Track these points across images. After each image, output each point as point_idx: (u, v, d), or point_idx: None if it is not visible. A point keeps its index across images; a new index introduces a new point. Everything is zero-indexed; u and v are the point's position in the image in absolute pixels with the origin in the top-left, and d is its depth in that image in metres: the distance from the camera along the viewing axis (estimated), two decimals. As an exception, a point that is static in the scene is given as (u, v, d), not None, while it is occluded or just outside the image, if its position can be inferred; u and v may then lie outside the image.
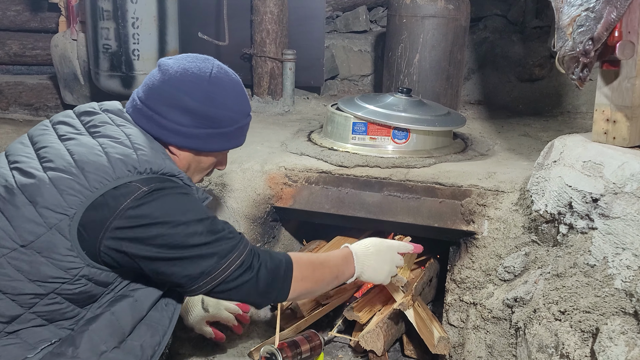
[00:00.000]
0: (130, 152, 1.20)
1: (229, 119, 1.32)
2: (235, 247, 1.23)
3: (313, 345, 1.73)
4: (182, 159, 1.34)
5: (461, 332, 1.66)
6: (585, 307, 1.24)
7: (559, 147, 1.48)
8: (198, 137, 1.30)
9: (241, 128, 1.37)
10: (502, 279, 1.58)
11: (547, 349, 1.32)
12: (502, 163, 1.93)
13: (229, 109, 1.31)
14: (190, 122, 1.28)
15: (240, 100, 1.35)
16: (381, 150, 1.97)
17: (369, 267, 1.46)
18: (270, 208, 1.91)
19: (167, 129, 1.29)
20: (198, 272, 1.20)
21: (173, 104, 1.27)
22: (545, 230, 1.48)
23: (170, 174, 1.24)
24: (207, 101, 1.28)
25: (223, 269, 1.21)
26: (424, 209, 1.76)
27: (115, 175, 1.17)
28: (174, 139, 1.30)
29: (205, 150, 1.34)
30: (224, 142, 1.35)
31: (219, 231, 1.23)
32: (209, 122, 1.30)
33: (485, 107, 2.91)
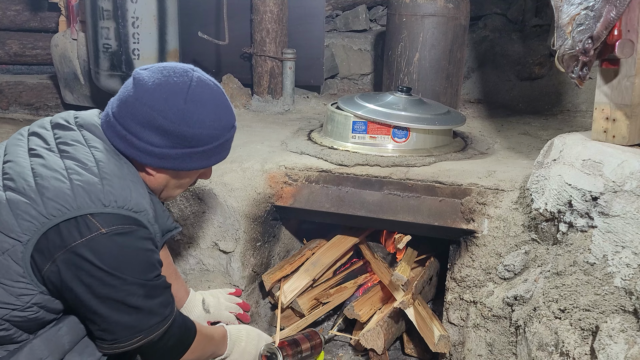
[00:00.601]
0: (95, 181, 1.14)
1: (207, 137, 1.25)
2: (156, 326, 1.22)
3: (313, 343, 1.73)
4: (158, 179, 1.29)
5: (461, 331, 1.66)
6: (585, 305, 1.24)
7: (559, 146, 1.49)
8: (174, 157, 1.24)
9: (222, 144, 1.30)
10: (502, 278, 1.59)
11: (547, 347, 1.32)
12: (502, 162, 1.93)
13: (207, 127, 1.24)
14: (164, 143, 1.22)
15: (221, 116, 1.27)
16: (381, 149, 1.97)
17: (238, 350, 1.56)
18: (271, 207, 1.91)
19: (140, 150, 1.22)
20: (111, 337, 1.18)
21: (146, 123, 1.20)
22: (545, 228, 1.49)
23: (136, 209, 1.18)
24: (182, 121, 1.20)
25: (134, 341, 1.20)
26: (424, 207, 1.76)
27: (75, 205, 1.11)
28: (149, 160, 1.24)
29: (183, 169, 1.28)
30: (203, 161, 1.28)
31: (154, 297, 1.20)
32: (184, 142, 1.23)
33: (485, 105, 2.91)
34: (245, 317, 1.84)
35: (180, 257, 1.95)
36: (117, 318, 1.17)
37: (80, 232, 1.11)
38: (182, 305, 1.73)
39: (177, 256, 1.95)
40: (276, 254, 2.08)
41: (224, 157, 1.34)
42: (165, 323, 1.24)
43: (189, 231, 1.92)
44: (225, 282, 1.90)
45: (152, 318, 1.21)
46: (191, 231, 1.92)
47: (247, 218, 1.87)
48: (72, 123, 1.28)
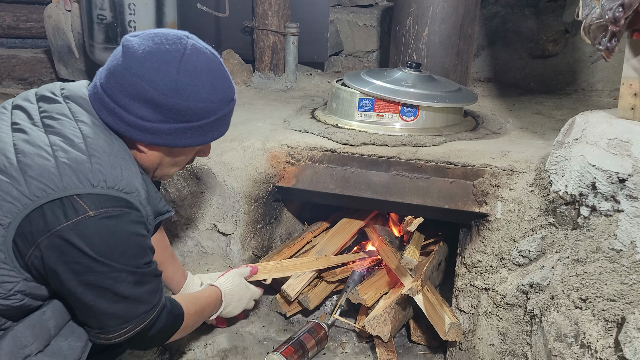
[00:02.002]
0: (83, 159, 1.05)
1: (202, 111, 1.15)
2: (144, 315, 1.15)
3: (318, 338, 1.66)
4: (150, 156, 1.20)
5: (472, 319, 1.59)
6: (610, 294, 1.16)
7: (581, 124, 1.39)
8: (167, 133, 1.14)
9: (220, 119, 1.20)
10: (517, 264, 1.50)
11: (566, 338, 1.24)
12: (515, 142, 1.84)
13: (202, 99, 1.14)
14: (156, 117, 1.12)
15: (218, 87, 1.17)
16: (388, 128, 1.88)
17: (230, 305, 1.57)
18: (272, 188, 1.83)
19: (130, 125, 1.13)
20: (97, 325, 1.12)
21: (136, 95, 1.10)
22: (564, 212, 1.40)
23: (127, 190, 1.09)
24: (175, 93, 1.10)
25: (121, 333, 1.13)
26: (434, 189, 1.67)
27: (61, 185, 1.02)
28: (140, 136, 1.14)
29: (177, 146, 1.18)
30: (199, 137, 1.18)
31: (143, 284, 1.13)
32: (178, 116, 1.13)
33: (496, 84, 2.81)
34: (245, 301, 1.77)
35: (177, 239, 1.87)
36: (104, 307, 1.10)
37: (66, 215, 1.02)
38: (179, 290, 1.66)
39: (175, 238, 1.87)
40: (277, 236, 2.00)
41: (222, 133, 1.24)
42: (153, 312, 1.17)
43: (186, 212, 1.83)
44: (224, 265, 1.82)
45: (140, 306, 1.14)
46: (189, 212, 1.83)
47: (247, 199, 1.79)
48: (58, 95, 1.18)
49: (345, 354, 1.71)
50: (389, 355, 1.63)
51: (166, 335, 1.28)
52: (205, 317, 1.49)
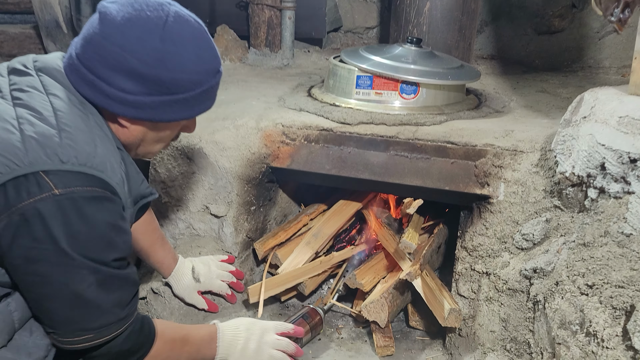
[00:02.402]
0: (52, 133, 0.97)
1: (188, 83, 1.08)
2: (107, 326, 1.04)
3: (313, 324, 1.61)
4: (133, 131, 1.12)
5: (472, 304, 1.53)
6: (619, 281, 1.10)
7: (590, 101, 1.32)
8: (151, 106, 1.06)
9: (207, 91, 1.12)
10: (520, 248, 1.44)
11: (571, 325, 1.19)
12: (519, 121, 1.76)
13: (188, 70, 1.07)
14: (139, 89, 1.04)
15: (204, 58, 1.09)
16: (387, 106, 1.80)
17: (237, 351, 1.31)
18: (266, 168, 1.76)
19: (111, 98, 1.05)
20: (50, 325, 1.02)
21: (116, 66, 1.02)
22: (570, 194, 1.33)
23: (102, 168, 0.99)
24: (159, 63, 1.03)
25: (75, 340, 1.03)
26: (434, 170, 1.60)
27: (27, 160, 0.93)
28: (122, 110, 1.06)
29: (162, 120, 1.11)
30: (185, 111, 1.11)
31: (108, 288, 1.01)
32: (162, 88, 1.05)
33: (499, 62, 2.72)
34: (238, 285, 1.72)
35: (168, 221, 1.81)
36: (56, 307, 1.00)
37: (29, 192, 0.93)
38: (169, 274, 1.61)
39: (165, 220, 1.81)
40: (272, 218, 1.94)
41: (208, 106, 1.17)
42: (118, 327, 1.06)
43: (177, 193, 1.77)
44: (217, 248, 1.76)
45: (102, 317, 1.03)
46: (180, 193, 1.77)
47: (240, 180, 1.72)
48: (30, 67, 1.10)
49: (341, 339, 1.66)
50: (386, 341, 1.58)
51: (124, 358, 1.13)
52: (187, 355, 1.25)
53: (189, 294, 1.62)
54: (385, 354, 1.57)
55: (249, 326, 1.36)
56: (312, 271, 1.78)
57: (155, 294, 1.67)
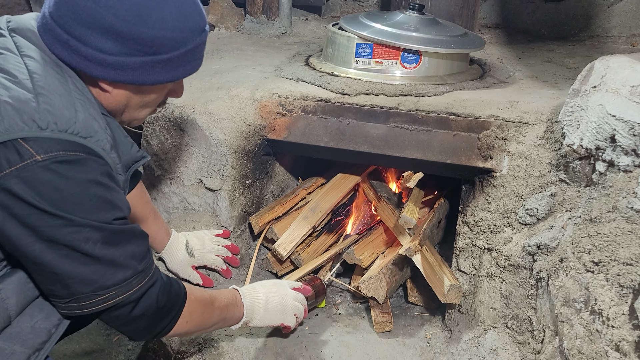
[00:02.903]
0: (28, 97, 0.90)
1: (171, 41, 1.00)
2: (127, 280, 1.00)
3: (317, 290, 1.56)
4: (115, 96, 1.04)
5: (472, 280, 1.50)
6: (627, 258, 1.05)
7: (601, 70, 1.25)
8: (132, 67, 0.99)
9: (191, 51, 1.05)
10: (523, 223, 1.40)
11: (575, 303, 1.15)
12: (524, 91, 1.70)
13: (170, 27, 0.98)
14: (118, 49, 0.96)
15: (187, 14, 1.02)
16: (388, 76, 1.74)
17: (261, 309, 1.33)
18: (262, 140, 1.70)
19: (89, 59, 0.97)
20: (66, 293, 0.97)
21: (92, 24, 0.94)
22: (577, 167, 1.28)
23: (84, 134, 0.93)
24: (139, 20, 0.95)
25: (97, 301, 0.98)
26: (436, 142, 1.54)
27: (3, 127, 0.88)
28: (101, 72, 0.99)
29: (145, 83, 1.03)
30: (169, 72, 1.03)
31: (117, 244, 0.98)
32: (143, 47, 0.98)
33: (504, 31, 2.63)
34: (234, 260, 1.68)
35: (161, 195, 1.76)
36: (70, 268, 0.95)
37: (9, 161, 0.88)
38: (162, 248, 1.57)
39: (159, 193, 1.76)
40: (269, 192, 1.89)
41: (195, 68, 1.09)
42: (139, 281, 1.02)
43: (170, 166, 1.72)
44: (212, 222, 1.72)
45: (119, 272, 0.99)
46: (173, 166, 1.71)
47: (235, 152, 1.67)
48: (3, 28, 1.03)
49: (339, 315, 1.63)
50: (384, 317, 1.55)
51: (160, 320, 1.09)
52: (218, 313, 1.23)
53: (182, 269, 1.58)
54: (383, 330, 1.54)
55: (265, 284, 1.39)
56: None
57: (149, 269, 1.63)
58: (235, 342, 1.46)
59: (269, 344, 1.47)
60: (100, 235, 0.96)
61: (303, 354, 1.44)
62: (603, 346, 1.06)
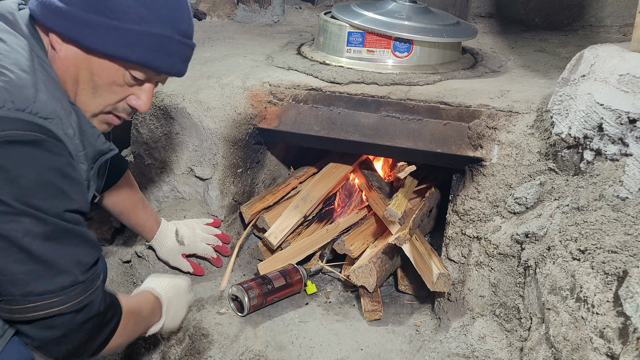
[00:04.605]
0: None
1: (133, 12, 0.94)
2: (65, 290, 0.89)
3: (291, 281, 1.58)
4: (64, 57, 0.97)
5: (462, 269, 1.50)
6: (612, 246, 1.06)
7: (590, 59, 1.25)
8: (84, 23, 0.93)
9: (158, 38, 0.97)
10: (512, 212, 1.40)
11: (561, 291, 1.16)
12: (516, 81, 1.70)
13: (141, 1, 0.95)
14: (77, 1, 0.93)
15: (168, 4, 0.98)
16: (379, 65, 1.73)
17: (171, 315, 1.29)
18: (253, 129, 1.70)
19: (46, 6, 0.94)
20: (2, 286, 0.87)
21: None
22: (565, 156, 1.28)
23: (44, 114, 0.87)
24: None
25: (26, 308, 0.87)
26: (426, 132, 1.54)
27: None
28: (53, 20, 0.94)
29: (95, 47, 0.95)
30: (121, 45, 0.95)
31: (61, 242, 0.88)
32: (102, 6, 0.93)
33: (497, 20, 2.62)
34: (224, 249, 1.68)
35: (152, 184, 1.76)
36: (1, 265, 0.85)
37: None
38: (152, 237, 1.57)
39: (149, 182, 1.76)
40: (260, 181, 1.89)
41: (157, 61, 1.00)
42: (79, 293, 0.91)
43: (161, 155, 1.71)
44: (202, 211, 1.72)
45: (56, 277, 0.88)
46: (163, 155, 1.71)
47: (225, 141, 1.66)
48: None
49: (329, 304, 1.64)
50: (374, 306, 1.56)
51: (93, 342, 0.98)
52: (144, 323, 1.18)
53: (173, 257, 1.58)
54: (373, 318, 1.55)
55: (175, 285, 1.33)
56: (320, 241, 1.75)
57: (140, 258, 1.63)
58: (225, 330, 1.47)
59: (259, 332, 1.47)
60: (43, 230, 0.87)
61: (293, 342, 1.45)
62: (588, 333, 1.07)
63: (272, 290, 1.54)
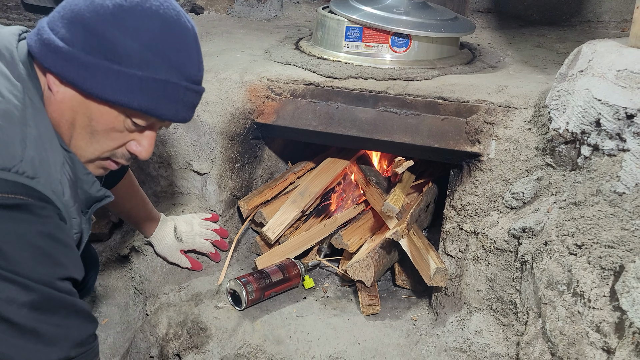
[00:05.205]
0: None
1: (137, 57, 0.88)
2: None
3: (288, 275, 1.58)
4: (61, 100, 0.91)
5: (459, 263, 1.51)
6: (609, 241, 1.07)
7: (588, 54, 1.25)
8: (84, 65, 0.87)
9: (163, 84, 0.90)
10: (509, 207, 1.41)
11: (558, 285, 1.16)
12: (514, 76, 1.70)
13: (145, 42, 0.88)
14: (78, 40, 0.86)
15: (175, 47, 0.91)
16: (377, 60, 1.73)
17: None
18: (251, 124, 1.70)
19: (46, 45, 0.88)
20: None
21: (68, 13, 0.88)
22: (563, 152, 1.28)
23: (31, 173, 0.81)
24: (112, 18, 0.86)
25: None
26: (424, 127, 1.55)
27: None
28: (51, 59, 0.88)
29: (93, 92, 0.89)
30: (123, 91, 0.88)
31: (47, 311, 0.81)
32: (103, 48, 0.86)
33: (495, 15, 2.61)
34: (222, 244, 1.69)
35: (150, 178, 1.76)
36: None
37: None
38: (151, 233, 1.57)
39: (147, 177, 1.76)
40: (258, 176, 1.89)
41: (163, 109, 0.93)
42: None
43: (158, 149, 1.71)
44: (200, 206, 1.72)
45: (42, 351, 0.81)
46: (161, 149, 1.71)
47: (223, 136, 1.66)
48: None
49: (326, 298, 1.65)
50: (371, 300, 1.56)
51: None
52: None
53: (171, 253, 1.59)
54: (371, 313, 1.56)
55: None
56: (318, 235, 1.75)
57: (138, 252, 1.64)
58: (223, 324, 1.47)
59: (257, 326, 1.48)
60: (29, 299, 0.79)
61: (290, 336, 1.45)
62: (584, 327, 1.08)
63: (270, 284, 1.54)
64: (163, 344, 1.48)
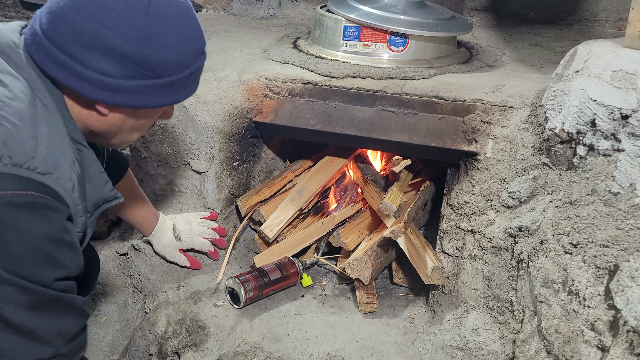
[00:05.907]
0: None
1: (175, 65, 0.95)
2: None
3: (287, 274, 1.60)
4: (111, 119, 0.98)
5: (456, 262, 1.52)
6: (604, 240, 1.08)
7: (584, 55, 1.26)
8: (134, 91, 0.93)
9: (193, 74, 1.01)
10: (506, 206, 1.42)
11: (554, 284, 1.18)
12: (511, 75, 1.71)
13: (175, 51, 0.94)
14: (120, 72, 0.90)
15: (191, 37, 0.98)
16: (375, 59, 1.74)
17: None
18: (249, 123, 1.70)
19: (88, 81, 0.90)
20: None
21: (95, 44, 0.88)
22: (559, 151, 1.30)
23: (43, 169, 0.84)
24: (145, 42, 0.90)
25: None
26: (421, 126, 1.55)
27: None
28: (100, 95, 0.92)
29: (145, 107, 0.98)
30: (170, 95, 0.98)
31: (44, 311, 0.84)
32: (147, 70, 0.92)
33: (493, 14, 2.62)
34: (221, 242, 1.69)
35: (148, 177, 1.76)
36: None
37: None
38: (150, 232, 1.57)
39: (146, 176, 1.76)
40: (257, 174, 1.90)
41: (193, 90, 1.05)
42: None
43: (157, 148, 1.72)
44: (199, 204, 1.73)
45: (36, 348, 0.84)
46: (160, 148, 1.71)
47: (222, 135, 1.67)
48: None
49: (324, 296, 1.66)
50: (369, 298, 1.57)
51: None
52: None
53: (170, 252, 1.59)
54: (368, 311, 1.57)
55: None
56: (316, 233, 1.76)
57: (137, 251, 1.64)
58: (222, 322, 1.48)
59: (255, 324, 1.49)
60: (27, 299, 0.82)
61: (289, 334, 1.46)
62: (579, 325, 1.09)
63: (268, 282, 1.55)
64: (162, 342, 1.49)
